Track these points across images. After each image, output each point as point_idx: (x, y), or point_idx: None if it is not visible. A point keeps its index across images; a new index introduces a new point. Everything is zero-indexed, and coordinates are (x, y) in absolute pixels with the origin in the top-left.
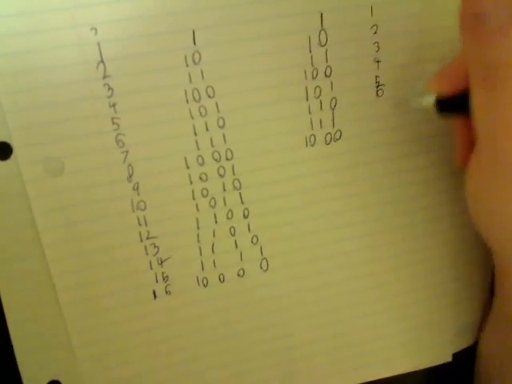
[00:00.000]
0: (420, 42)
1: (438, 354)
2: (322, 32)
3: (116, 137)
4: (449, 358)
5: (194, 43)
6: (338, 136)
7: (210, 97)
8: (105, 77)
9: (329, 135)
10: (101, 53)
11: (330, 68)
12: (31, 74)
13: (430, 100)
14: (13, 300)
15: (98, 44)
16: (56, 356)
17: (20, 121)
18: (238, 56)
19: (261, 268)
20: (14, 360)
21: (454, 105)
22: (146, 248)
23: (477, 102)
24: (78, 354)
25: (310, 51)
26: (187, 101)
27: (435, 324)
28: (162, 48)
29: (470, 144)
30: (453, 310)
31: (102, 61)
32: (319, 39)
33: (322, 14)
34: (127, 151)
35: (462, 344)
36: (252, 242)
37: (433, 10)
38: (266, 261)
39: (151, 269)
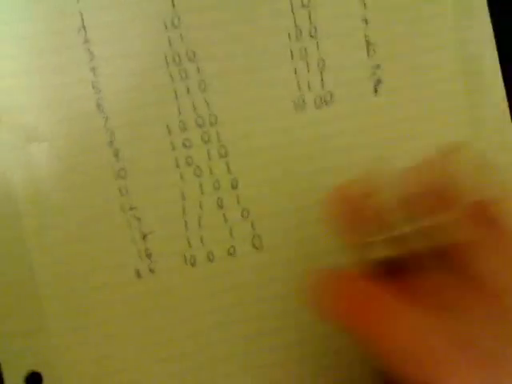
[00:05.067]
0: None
1: None
2: None
3: (97, 101)
4: None
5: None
6: (328, 98)
7: (190, 60)
8: (85, 42)
9: (318, 98)
10: (82, 20)
11: (315, 28)
12: None
13: None
14: None
15: (80, 12)
16: (36, 344)
17: None
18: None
19: (253, 246)
20: None
21: None
22: (128, 220)
23: None
24: (53, 341)
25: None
26: (167, 64)
27: None
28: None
29: None
30: None
31: (84, 27)
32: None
33: None
34: (107, 117)
35: None
36: (242, 215)
37: None
38: (259, 238)
39: (134, 244)
